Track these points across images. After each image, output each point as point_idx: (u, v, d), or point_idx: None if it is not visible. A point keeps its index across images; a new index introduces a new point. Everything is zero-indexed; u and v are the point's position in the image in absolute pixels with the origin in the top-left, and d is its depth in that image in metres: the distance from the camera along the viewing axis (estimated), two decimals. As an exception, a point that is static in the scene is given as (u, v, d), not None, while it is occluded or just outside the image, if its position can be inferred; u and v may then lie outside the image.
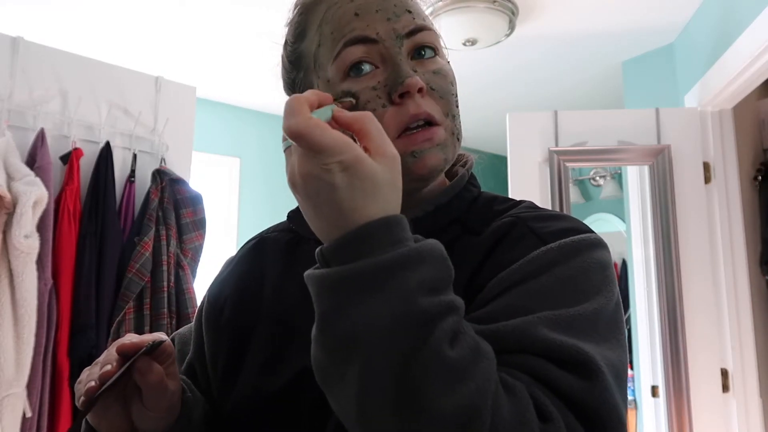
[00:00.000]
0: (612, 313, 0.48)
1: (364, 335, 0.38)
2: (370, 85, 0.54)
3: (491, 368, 0.39)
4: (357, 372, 0.39)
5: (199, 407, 0.59)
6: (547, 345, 0.43)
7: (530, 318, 0.44)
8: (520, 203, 0.60)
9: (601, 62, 2.71)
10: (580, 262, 0.49)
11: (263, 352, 0.58)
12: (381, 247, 0.40)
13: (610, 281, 0.49)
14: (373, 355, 0.38)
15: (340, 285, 0.40)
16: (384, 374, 0.38)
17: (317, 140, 0.40)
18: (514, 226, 0.54)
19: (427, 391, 0.37)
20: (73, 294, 1.64)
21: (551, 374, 0.42)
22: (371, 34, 0.54)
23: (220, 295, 0.66)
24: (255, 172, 3.45)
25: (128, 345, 0.51)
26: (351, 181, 0.40)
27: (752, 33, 1.70)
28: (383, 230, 0.41)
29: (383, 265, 0.39)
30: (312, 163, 0.40)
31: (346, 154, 0.40)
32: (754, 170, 2.12)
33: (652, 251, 2.11)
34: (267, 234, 0.70)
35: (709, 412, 1.92)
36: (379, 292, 0.38)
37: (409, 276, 0.39)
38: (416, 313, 0.38)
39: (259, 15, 2.26)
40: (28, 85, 1.73)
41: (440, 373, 0.37)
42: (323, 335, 0.41)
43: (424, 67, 0.56)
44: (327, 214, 0.41)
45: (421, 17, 0.57)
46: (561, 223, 0.54)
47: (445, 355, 0.38)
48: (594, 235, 0.52)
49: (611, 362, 0.44)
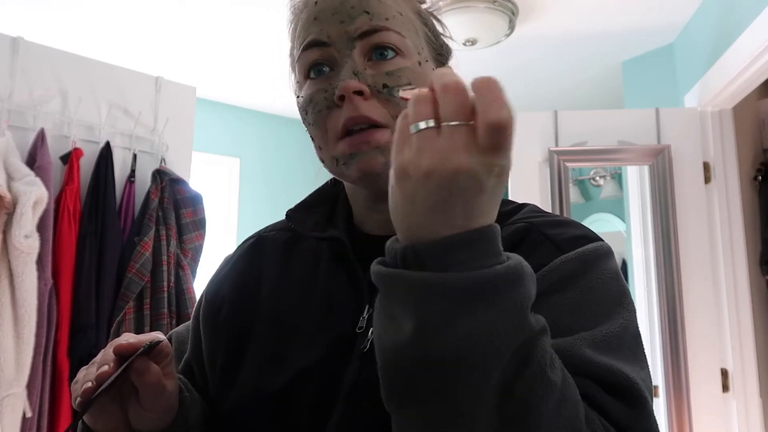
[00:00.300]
0: (636, 327, 0.49)
1: (474, 349, 0.35)
2: (322, 87, 0.56)
3: (576, 390, 0.39)
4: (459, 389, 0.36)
5: (196, 407, 0.59)
6: (592, 367, 0.43)
7: (572, 338, 0.45)
8: (524, 206, 0.61)
9: (601, 62, 2.71)
10: (599, 273, 0.50)
11: (262, 351, 0.58)
12: (489, 256, 0.37)
13: (627, 292, 0.51)
14: (481, 370, 0.35)
15: (453, 292, 0.36)
16: (490, 393, 0.36)
17: (511, 139, 0.37)
18: (529, 233, 0.54)
19: (535, 415, 0.36)
20: (73, 294, 1.64)
21: (600, 398, 0.42)
22: (323, 37, 0.55)
23: (217, 294, 0.66)
24: (255, 172, 3.45)
25: (125, 345, 0.50)
26: (498, 188, 0.38)
27: (752, 33, 1.70)
28: (490, 238, 0.38)
29: (500, 276, 0.36)
30: (476, 159, 0.36)
31: (508, 160, 0.37)
32: (754, 170, 2.12)
33: (652, 251, 2.11)
34: (265, 233, 0.70)
35: (709, 412, 1.92)
36: (495, 305, 0.36)
37: (521, 291, 0.37)
38: (527, 330, 0.37)
39: (259, 15, 2.26)
40: (28, 85, 1.73)
41: (545, 395, 0.36)
42: (422, 346, 0.36)
43: (379, 68, 0.55)
44: (448, 213, 0.37)
45: (383, 16, 0.56)
46: (573, 230, 0.54)
47: (547, 375, 0.37)
48: (605, 243, 0.53)
49: (647, 385, 0.45)
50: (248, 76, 2.94)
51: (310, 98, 0.56)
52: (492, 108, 0.36)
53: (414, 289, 0.37)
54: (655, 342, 2.06)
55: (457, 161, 0.36)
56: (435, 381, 0.36)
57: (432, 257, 0.37)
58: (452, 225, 0.37)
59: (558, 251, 0.51)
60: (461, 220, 0.37)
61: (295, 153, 3.54)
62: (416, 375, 0.37)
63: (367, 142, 0.53)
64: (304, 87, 0.58)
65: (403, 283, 0.37)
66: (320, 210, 0.66)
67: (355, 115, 0.53)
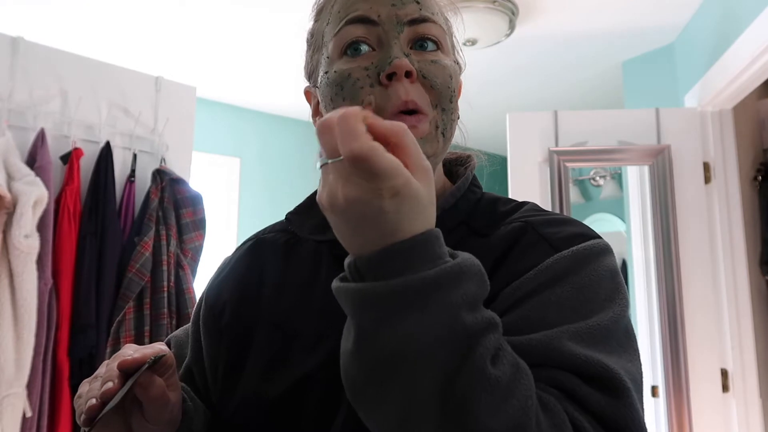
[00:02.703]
0: (627, 322, 0.49)
1: (409, 352, 0.37)
2: (363, 65, 0.54)
3: (531, 384, 0.39)
4: (399, 391, 0.38)
5: (199, 416, 0.59)
6: (573, 360, 0.43)
7: (553, 332, 0.44)
8: (523, 204, 0.60)
9: (601, 62, 2.71)
10: (592, 270, 0.49)
11: (263, 356, 0.58)
12: (423, 263, 0.38)
13: (621, 288, 0.50)
14: (417, 372, 0.37)
15: (382, 300, 0.38)
16: (428, 393, 0.37)
17: (377, 165, 0.37)
18: (525, 232, 0.54)
19: (473, 410, 0.36)
20: (73, 294, 1.64)
21: (579, 390, 0.42)
22: (372, 15, 0.55)
23: (218, 298, 0.65)
24: (255, 172, 3.45)
25: (130, 361, 0.49)
26: (399, 206, 0.38)
27: (752, 33, 1.70)
28: (423, 246, 0.39)
29: (428, 281, 0.38)
30: (362, 188, 0.38)
31: (398, 179, 0.38)
32: (754, 170, 2.12)
33: (652, 251, 2.11)
34: (264, 235, 0.69)
35: (709, 412, 1.92)
36: (424, 309, 0.37)
37: (453, 292, 0.38)
38: (460, 330, 0.38)
39: (260, 15, 2.26)
40: (28, 85, 1.73)
41: (485, 392, 0.37)
42: (362, 352, 0.39)
43: (422, 56, 0.56)
44: (367, 234, 0.39)
45: (430, 10, 0.57)
46: (570, 228, 0.54)
47: (488, 372, 0.37)
48: (602, 241, 0.53)
49: (633, 376, 0.45)
50: (248, 76, 2.94)
51: (348, 74, 0.54)
52: (344, 143, 0.38)
53: (353, 300, 0.39)
54: (655, 342, 2.06)
55: (344, 193, 0.38)
56: (378, 382, 0.39)
57: (368, 270, 0.39)
58: (373, 244, 0.39)
59: (553, 250, 0.51)
60: (379, 239, 0.39)
61: (295, 153, 3.54)
62: (362, 376, 0.39)
63: (414, 127, 0.52)
64: (336, 63, 0.56)
65: (344, 294, 0.40)
66: (319, 212, 0.65)
67: (409, 98, 0.52)
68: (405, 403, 0.38)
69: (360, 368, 0.39)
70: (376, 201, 0.38)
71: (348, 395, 0.42)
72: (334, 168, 0.39)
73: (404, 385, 0.37)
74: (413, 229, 0.39)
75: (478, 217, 0.58)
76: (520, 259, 0.51)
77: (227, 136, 3.36)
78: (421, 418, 0.37)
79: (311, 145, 3.64)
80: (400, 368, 0.37)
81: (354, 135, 0.38)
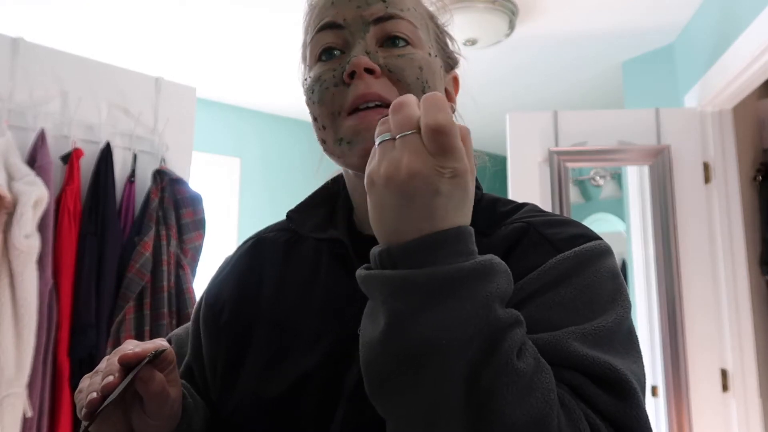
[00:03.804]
0: (630, 324, 0.49)
1: (442, 340, 0.37)
2: (331, 66, 0.56)
3: (552, 379, 0.40)
4: (429, 380, 0.38)
5: (199, 412, 0.59)
6: (580, 360, 0.43)
7: (560, 332, 0.45)
8: (523, 206, 0.60)
9: (601, 62, 2.71)
10: (595, 271, 0.50)
11: (263, 355, 0.58)
12: (458, 255, 0.40)
13: (623, 290, 0.51)
14: (449, 361, 0.37)
15: (421, 287, 0.39)
16: (457, 383, 0.37)
17: (453, 141, 0.40)
18: (526, 233, 0.54)
19: (499, 401, 0.37)
20: (73, 294, 1.64)
21: (587, 390, 0.43)
22: (338, 20, 0.56)
23: (218, 297, 0.65)
24: (255, 172, 3.45)
25: (130, 355, 0.49)
26: (453, 190, 0.40)
27: (752, 33, 1.70)
28: (463, 238, 0.41)
29: (466, 272, 0.39)
30: (428, 163, 0.39)
31: (461, 163, 0.40)
32: (754, 170, 2.12)
33: (652, 251, 2.11)
34: (265, 234, 0.69)
35: (708, 412, 1.92)
36: (460, 298, 0.38)
37: (488, 285, 0.39)
38: (493, 322, 0.38)
39: (260, 15, 2.26)
40: (28, 85, 1.73)
41: (510, 383, 0.37)
42: (393, 339, 0.39)
43: (390, 53, 0.56)
44: (412, 216, 0.40)
45: (398, 7, 0.57)
46: (571, 229, 0.54)
47: (514, 365, 0.38)
48: (603, 242, 0.53)
49: (638, 377, 0.46)
50: (248, 76, 2.94)
51: (318, 77, 0.57)
52: (430, 113, 0.40)
53: (385, 286, 0.40)
54: (655, 342, 2.06)
55: (408, 165, 0.39)
56: (405, 371, 0.39)
57: (403, 258, 0.40)
58: (417, 228, 0.40)
59: (555, 251, 0.51)
60: (424, 222, 0.40)
61: (295, 153, 3.54)
62: (389, 366, 0.39)
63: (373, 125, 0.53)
64: (312, 69, 0.58)
65: (376, 281, 0.41)
66: (320, 211, 0.66)
67: (367, 92, 0.53)
68: (433, 393, 0.38)
69: (389, 357, 0.39)
70: (436, 178, 0.39)
71: (368, 388, 0.41)
72: (403, 141, 0.40)
73: (434, 374, 0.38)
74: (456, 219, 0.41)
75: (479, 217, 0.59)
76: (522, 259, 0.52)
77: (227, 136, 3.36)
78: (447, 409, 0.38)
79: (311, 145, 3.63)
80: (432, 357, 0.38)
81: (443, 107, 0.40)
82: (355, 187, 0.62)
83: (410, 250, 0.40)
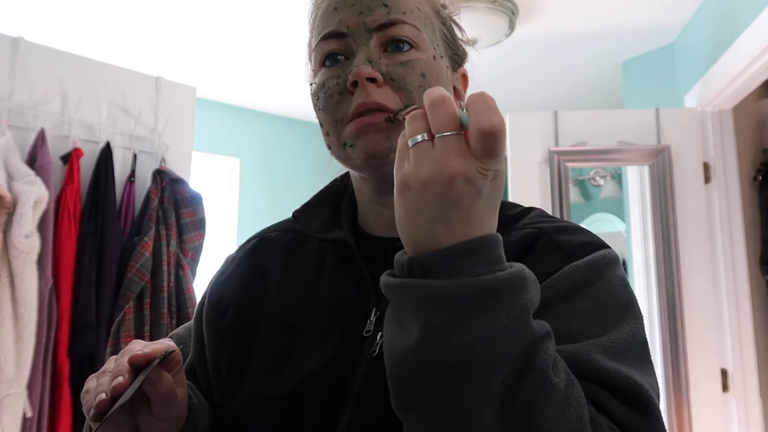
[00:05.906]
0: (643, 335, 0.50)
1: (480, 354, 0.36)
2: (335, 74, 0.57)
3: (582, 393, 0.40)
4: (466, 392, 0.37)
5: (204, 413, 0.58)
6: (602, 373, 0.43)
7: (582, 344, 0.45)
8: (530, 210, 0.61)
9: (601, 62, 2.71)
10: (607, 281, 0.50)
11: (267, 356, 0.57)
12: (490, 263, 0.39)
13: (634, 299, 0.52)
14: (486, 375, 0.36)
15: (457, 299, 0.37)
16: (493, 397, 0.37)
17: (503, 144, 0.39)
18: (539, 239, 0.54)
19: (537, 416, 0.36)
20: (73, 294, 1.64)
21: (608, 403, 0.42)
22: (342, 28, 0.57)
23: (222, 296, 0.65)
24: (255, 172, 3.45)
25: (140, 356, 0.48)
26: (492, 192, 0.40)
27: (752, 33, 1.70)
28: (491, 246, 0.40)
29: (503, 283, 0.38)
30: (473, 165, 0.39)
31: (502, 165, 0.40)
32: (754, 170, 2.12)
33: (652, 251, 2.11)
34: (267, 233, 0.69)
35: (709, 412, 1.92)
36: (497, 310, 0.37)
37: (522, 297, 0.38)
38: (529, 334, 0.38)
39: (260, 15, 2.26)
40: (28, 85, 1.73)
41: (547, 398, 0.37)
42: (429, 351, 0.38)
43: (393, 59, 0.56)
44: (451, 220, 0.39)
45: (401, 10, 0.57)
46: (581, 237, 0.55)
47: (550, 378, 0.38)
48: (613, 251, 0.54)
49: (654, 390, 0.46)
50: (248, 76, 2.94)
51: (323, 84, 0.57)
52: (484, 115, 0.38)
53: (419, 297, 0.38)
54: (655, 342, 2.06)
55: (452, 166, 0.38)
56: (441, 384, 0.38)
57: (436, 266, 0.39)
58: (453, 233, 0.39)
59: (567, 258, 0.52)
60: (461, 227, 0.39)
61: (295, 153, 3.54)
62: (423, 379, 0.38)
63: (374, 124, 0.54)
64: (318, 75, 0.59)
65: (408, 291, 0.39)
66: (324, 211, 0.65)
67: (368, 101, 0.54)
68: (469, 406, 0.37)
69: (424, 369, 0.38)
70: (479, 180, 0.39)
71: (397, 400, 0.40)
72: (446, 142, 0.39)
73: (471, 387, 0.37)
74: (490, 224, 0.40)
75: None
76: (534, 265, 0.52)
77: (227, 136, 3.36)
78: (483, 424, 0.37)
79: (311, 145, 3.64)
80: (470, 370, 0.37)
81: (496, 109, 0.39)
82: (361, 189, 0.62)
83: (445, 257, 0.38)
